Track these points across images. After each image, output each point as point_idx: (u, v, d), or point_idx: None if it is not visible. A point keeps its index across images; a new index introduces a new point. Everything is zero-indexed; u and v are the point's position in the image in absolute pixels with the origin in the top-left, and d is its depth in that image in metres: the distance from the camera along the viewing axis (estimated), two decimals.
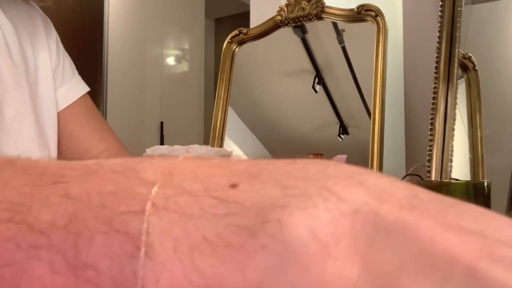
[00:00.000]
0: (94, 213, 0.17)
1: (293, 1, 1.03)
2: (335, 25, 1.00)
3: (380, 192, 0.16)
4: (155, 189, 0.17)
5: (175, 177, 0.18)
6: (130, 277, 0.16)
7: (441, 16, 0.89)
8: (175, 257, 0.16)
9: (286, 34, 1.05)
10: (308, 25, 1.03)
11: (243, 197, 0.17)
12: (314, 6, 1.00)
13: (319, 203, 0.16)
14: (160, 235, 0.16)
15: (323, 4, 0.99)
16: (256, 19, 1.13)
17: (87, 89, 0.77)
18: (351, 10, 0.96)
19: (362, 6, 0.94)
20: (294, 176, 0.17)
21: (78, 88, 0.76)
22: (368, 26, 0.94)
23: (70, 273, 0.17)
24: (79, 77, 0.78)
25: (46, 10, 0.77)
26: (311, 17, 1.00)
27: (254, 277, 0.15)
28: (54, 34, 0.75)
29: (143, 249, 0.16)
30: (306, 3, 1.00)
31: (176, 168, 0.18)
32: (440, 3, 0.89)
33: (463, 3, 0.88)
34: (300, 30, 1.04)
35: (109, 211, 0.17)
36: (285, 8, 1.03)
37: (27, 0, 0.73)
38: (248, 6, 1.19)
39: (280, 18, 1.04)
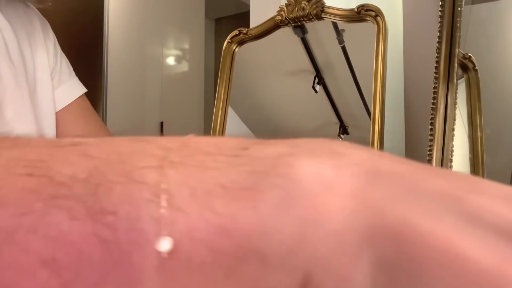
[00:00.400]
0: (113, 168, 0.18)
1: (293, 1, 1.03)
2: (335, 25, 1.00)
3: (379, 154, 0.18)
4: (174, 149, 0.19)
5: (189, 143, 0.19)
6: (147, 220, 0.17)
7: (441, 16, 0.89)
8: (191, 201, 0.17)
9: (286, 34, 1.05)
10: (308, 25, 1.03)
11: (254, 153, 0.18)
12: (314, 6, 0.99)
13: (324, 155, 0.18)
14: (177, 184, 0.18)
15: (323, 4, 0.99)
16: (256, 19, 1.13)
17: (84, 90, 0.77)
18: (351, 10, 0.96)
19: (362, 6, 0.94)
20: (301, 141, 0.19)
21: (75, 89, 0.76)
22: (368, 26, 0.94)
23: (88, 219, 0.17)
24: (76, 78, 0.78)
25: (46, 10, 0.77)
26: (311, 17, 1.00)
27: (265, 212, 0.17)
28: (52, 35, 0.75)
29: (162, 196, 0.17)
30: (306, 3, 1.00)
31: (189, 139, 0.20)
32: (440, 3, 0.89)
33: (463, 3, 0.88)
34: (300, 30, 1.04)
35: (128, 166, 0.18)
36: (285, 8, 1.03)
37: (25, 2, 0.73)
38: (248, 6, 1.19)
39: (280, 18, 1.04)
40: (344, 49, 1.01)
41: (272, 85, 1.15)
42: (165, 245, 0.17)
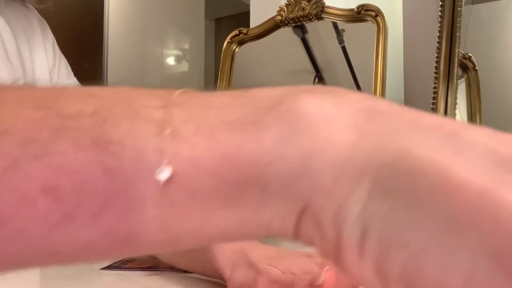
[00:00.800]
0: (120, 106, 0.19)
1: (293, 1, 1.02)
2: (335, 25, 1.00)
3: (377, 97, 0.19)
4: (176, 93, 0.19)
5: (192, 90, 0.20)
6: (152, 150, 0.17)
7: (441, 16, 0.89)
8: (196, 134, 0.18)
9: (286, 34, 1.05)
10: (308, 25, 1.03)
11: (257, 93, 0.19)
12: (314, 6, 0.99)
13: (325, 94, 0.19)
14: (182, 121, 0.18)
15: (323, 4, 0.99)
16: (256, 19, 1.13)
17: None
18: (351, 10, 0.96)
19: (362, 6, 0.94)
20: (299, 86, 0.20)
21: None
22: (368, 26, 0.94)
23: (94, 149, 0.17)
24: (75, 78, 0.78)
25: (46, 10, 0.77)
26: (311, 17, 1.00)
27: (270, 143, 0.18)
28: (51, 36, 0.75)
29: (166, 130, 0.18)
30: (306, 3, 1.00)
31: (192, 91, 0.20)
32: (440, 3, 0.89)
33: (463, 3, 0.88)
34: (300, 30, 1.04)
35: (135, 104, 0.19)
36: (285, 8, 1.03)
37: (23, 2, 0.73)
38: (248, 6, 1.19)
39: (280, 18, 1.04)
40: (344, 49, 1.01)
41: (272, 85, 1.14)
42: (167, 173, 0.17)
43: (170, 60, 3.16)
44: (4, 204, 0.17)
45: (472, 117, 0.97)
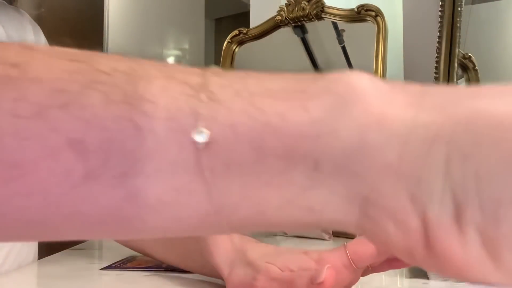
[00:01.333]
0: (155, 68, 0.18)
1: (293, 1, 1.02)
2: (335, 25, 1.00)
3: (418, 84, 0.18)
4: (212, 67, 0.18)
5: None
6: (187, 112, 0.16)
7: (441, 16, 0.89)
8: (235, 99, 0.16)
9: (286, 34, 1.05)
10: (308, 25, 1.03)
11: (298, 74, 0.17)
12: (314, 6, 0.99)
13: (372, 76, 0.17)
14: (220, 86, 0.17)
15: (323, 4, 0.99)
16: (256, 19, 1.13)
17: None
18: (351, 10, 0.96)
19: (362, 6, 0.94)
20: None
21: None
22: (368, 26, 0.94)
23: (125, 105, 0.16)
24: None
25: (46, 10, 0.77)
26: (311, 17, 1.00)
27: (319, 114, 0.16)
28: (43, 40, 0.76)
29: (203, 93, 0.16)
30: (306, 3, 1.00)
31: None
32: (440, 3, 0.89)
33: (463, 3, 0.88)
34: (300, 30, 1.04)
35: (172, 69, 0.18)
36: (285, 8, 1.03)
37: (16, 8, 0.74)
38: (248, 6, 1.19)
39: (280, 18, 1.04)
40: (344, 49, 1.01)
41: None
42: (204, 137, 0.16)
43: (170, 60, 3.16)
44: (24, 154, 0.16)
45: None
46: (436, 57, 0.88)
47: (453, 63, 0.87)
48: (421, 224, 0.15)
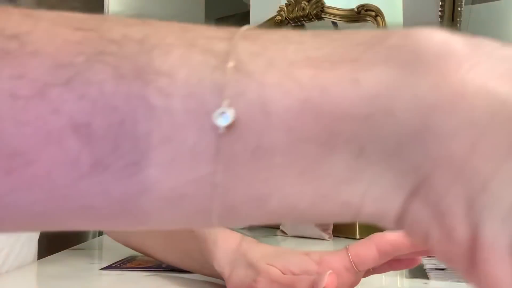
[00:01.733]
0: (175, 34, 0.15)
1: (293, 1, 1.03)
2: (335, 25, 1.00)
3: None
4: (244, 27, 0.15)
5: (263, 29, 0.15)
6: (210, 86, 0.14)
7: (441, 16, 0.89)
8: (268, 70, 0.13)
9: None
10: (308, 25, 1.03)
11: (351, 32, 0.14)
12: (314, 6, 0.99)
13: (449, 32, 0.14)
14: (251, 54, 0.14)
15: (323, 4, 0.99)
16: (256, 19, 1.13)
17: None
18: (351, 10, 0.96)
19: (362, 6, 0.94)
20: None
21: None
22: (368, 26, 0.94)
23: (137, 80, 0.14)
24: None
25: (46, 9, 0.77)
26: (311, 17, 1.00)
27: (370, 89, 0.13)
28: None
29: (229, 63, 0.14)
30: (306, 3, 1.00)
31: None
32: (440, 3, 0.89)
33: (463, 3, 0.88)
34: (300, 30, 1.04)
35: (193, 33, 0.15)
36: (285, 8, 1.03)
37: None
38: (248, 6, 1.19)
39: (280, 18, 1.04)
40: None
41: None
42: (228, 118, 0.13)
43: None
44: (26, 141, 0.14)
45: None
46: None
47: None
48: (470, 237, 0.13)
